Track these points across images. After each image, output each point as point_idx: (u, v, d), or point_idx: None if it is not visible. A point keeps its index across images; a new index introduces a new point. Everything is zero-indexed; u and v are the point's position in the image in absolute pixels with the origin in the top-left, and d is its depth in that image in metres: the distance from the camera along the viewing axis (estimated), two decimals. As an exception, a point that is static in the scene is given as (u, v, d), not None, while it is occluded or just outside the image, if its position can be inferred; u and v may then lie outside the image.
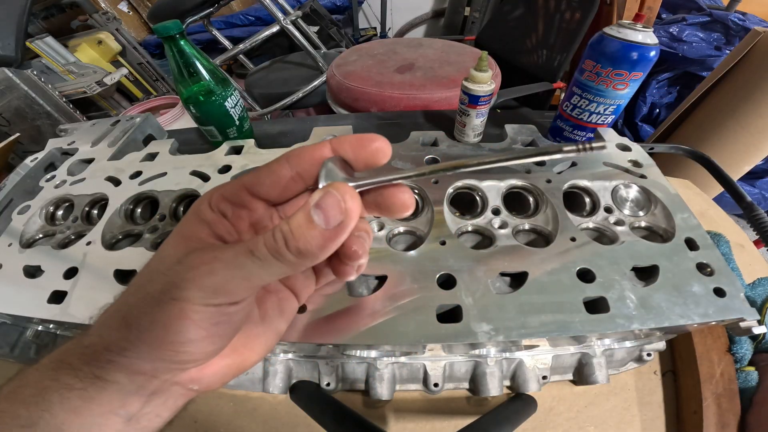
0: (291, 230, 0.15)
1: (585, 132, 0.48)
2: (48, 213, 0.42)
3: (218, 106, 0.50)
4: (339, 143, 0.18)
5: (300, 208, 0.15)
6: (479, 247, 0.34)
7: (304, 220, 0.15)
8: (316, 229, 0.15)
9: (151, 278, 0.16)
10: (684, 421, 0.36)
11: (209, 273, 0.15)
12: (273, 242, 0.15)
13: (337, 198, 0.15)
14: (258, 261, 0.15)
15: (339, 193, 0.15)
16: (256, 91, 1.24)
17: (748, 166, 0.89)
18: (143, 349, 0.15)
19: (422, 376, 0.37)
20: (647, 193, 0.38)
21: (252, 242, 0.16)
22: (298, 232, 0.15)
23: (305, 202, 0.16)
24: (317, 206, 0.15)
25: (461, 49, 0.90)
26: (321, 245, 0.15)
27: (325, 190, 0.15)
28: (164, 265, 0.17)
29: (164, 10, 1.08)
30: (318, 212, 0.15)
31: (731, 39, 1.14)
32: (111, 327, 0.16)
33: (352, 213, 0.15)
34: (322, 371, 0.37)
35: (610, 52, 0.40)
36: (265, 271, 0.16)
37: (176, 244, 0.18)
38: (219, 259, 0.15)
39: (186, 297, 0.15)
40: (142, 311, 0.15)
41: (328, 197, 0.15)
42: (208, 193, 0.19)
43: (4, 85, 1.01)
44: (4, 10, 0.98)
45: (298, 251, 0.15)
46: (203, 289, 0.15)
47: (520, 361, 0.37)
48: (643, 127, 1.29)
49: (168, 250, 0.18)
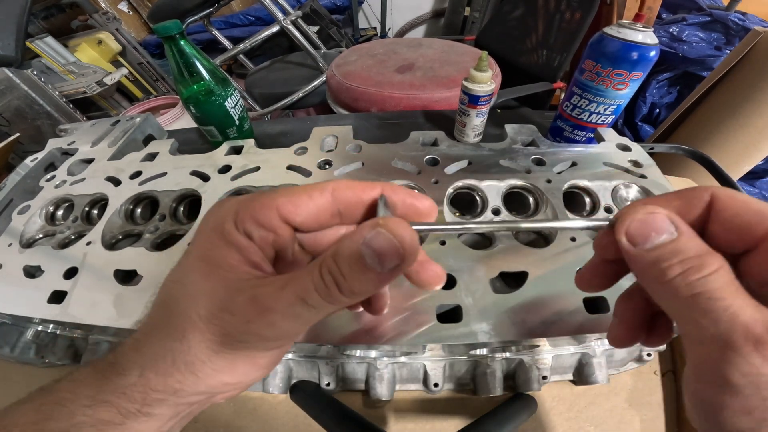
0: (342, 273, 0.14)
1: (585, 132, 0.48)
2: (48, 213, 0.42)
3: (218, 106, 0.50)
4: (392, 191, 0.17)
5: (343, 245, 0.14)
6: (479, 247, 0.34)
7: (356, 263, 0.14)
8: (371, 272, 0.14)
9: (187, 319, 0.16)
10: (684, 421, 0.36)
11: (269, 326, 0.15)
12: (325, 289, 0.14)
13: (396, 244, 0.14)
14: (312, 309, 0.15)
15: (396, 235, 0.14)
16: (256, 91, 1.24)
17: (748, 166, 0.89)
18: (201, 388, 0.16)
19: (422, 376, 0.37)
20: (647, 193, 0.38)
21: (302, 289, 0.15)
22: (351, 275, 0.14)
23: (348, 237, 0.14)
24: (372, 249, 0.14)
25: (461, 49, 0.90)
26: (376, 286, 0.15)
27: (381, 234, 0.14)
28: (199, 303, 0.16)
29: (164, 10, 1.08)
30: (372, 255, 0.14)
31: (731, 39, 1.14)
32: (158, 370, 0.16)
33: (411, 256, 0.14)
34: (322, 371, 0.37)
35: (610, 52, 0.40)
36: (318, 314, 0.15)
37: (206, 273, 0.16)
38: (274, 310, 0.15)
39: (250, 347, 0.16)
40: (199, 358, 0.16)
41: (385, 241, 0.14)
42: (229, 210, 0.17)
43: (4, 85, 1.01)
44: (4, 10, 0.98)
45: (352, 293, 0.15)
46: (266, 340, 0.16)
47: (520, 361, 0.37)
48: (643, 127, 1.29)
49: (195, 279, 0.16)
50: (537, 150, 0.43)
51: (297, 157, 0.44)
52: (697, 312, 0.12)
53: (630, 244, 0.14)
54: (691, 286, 0.12)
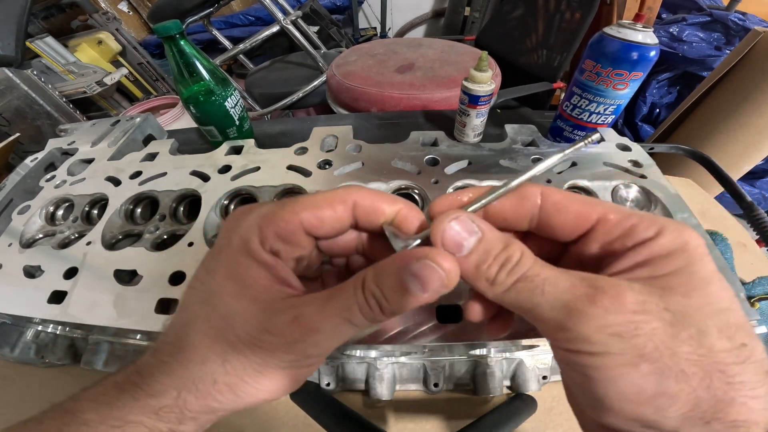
0: (386, 296, 0.14)
1: (585, 132, 0.48)
2: (48, 213, 0.42)
3: (218, 106, 0.50)
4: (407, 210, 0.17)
5: (387, 267, 0.15)
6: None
7: (399, 287, 0.14)
8: (413, 298, 0.14)
9: (225, 341, 0.16)
10: (684, 421, 0.36)
11: (314, 345, 0.16)
12: (369, 311, 0.15)
13: (442, 276, 0.14)
14: (355, 327, 0.15)
15: (441, 266, 0.14)
16: (256, 91, 1.24)
17: (748, 166, 0.89)
18: (240, 406, 0.17)
19: (422, 376, 0.37)
20: (647, 193, 0.38)
21: (345, 310, 0.15)
22: (394, 299, 0.14)
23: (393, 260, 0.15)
24: (417, 278, 0.14)
25: (461, 49, 0.90)
26: (417, 305, 0.15)
27: (427, 265, 0.14)
28: (236, 325, 0.16)
29: (164, 10, 1.08)
30: (417, 284, 0.14)
31: (731, 39, 1.14)
32: (198, 393, 0.16)
33: (452, 285, 0.14)
34: (322, 371, 0.37)
35: (610, 52, 0.40)
36: (358, 330, 0.16)
37: (236, 294, 0.16)
38: (319, 330, 0.15)
39: (294, 365, 0.16)
40: (242, 379, 0.16)
41: (431, 272, 0.14)
42: (252, 227, 0.16)
43: (4, 85, 1.01)
44: (4, 10, 0.98)
45: (392, 313, 0.15)
46: (308, 357, 0.16)
47: (520, 361, 0.37)
48: (643, 127, 1.29)
49: (226, 301, 0.16)
50: (537, 150, 0.43)
51: (297, 157, 0.44)
52: (525, 294, 0.14)
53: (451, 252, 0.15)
54: (512, 274, 0.14)
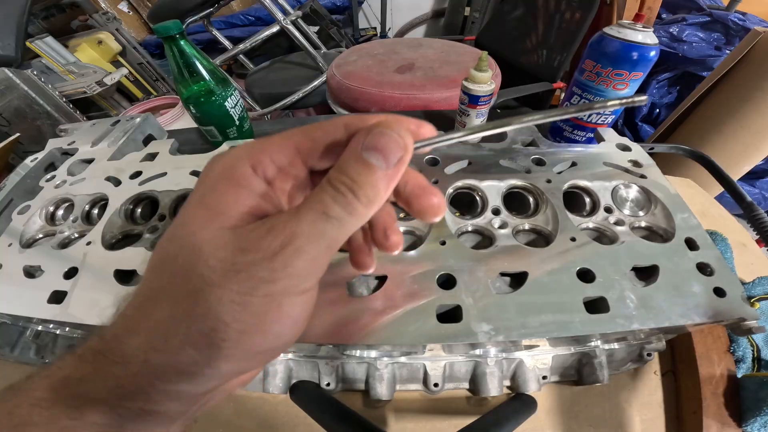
0: (353, 180, 0.14)
1: (585, 132, 0.48)
2: (48, 213, 0.42)
3: (218, 106, 0.50)
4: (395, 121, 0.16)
5: (345, 156, 0.14)
6: (479, 247, 0.34)
7: (362, 167, 0.14)
8: (378, 171, 0.14)
9: (196, 276, 0.13)
10: (684, 421, 0.36)
11: (296, 253, 0.13)
12: (343, 197, 0.14)
13: (394, 136, 0.14)
14: (336, 222, 0.14)
15: (394, 130, 0.14)
16: (256, 91, 1.24)
17: (748, 166, 0.89)
18: (222, 366, 0.13)
19: (422, 376, 0.37)
20: (647, 193, 0.38)
21: (320, 203, 0.14)
22: (361, 179, 0.14)
23: (348, 147, 0.15)
24: (373, 149, 0.14)
25: (461, 49, 0.90)
26: (386, 187, 0.14)
27: (377, 131, 0.14)
28: (207, 253, 0.13)
29: (164, 10, 1.08)
30: (375, 155, 0.14)
31: (731, 39, 1.14)
32: (167, 350, 0.13)
33: (410, 146, 0.15)
34: (322, 371, 0.37)
35: (610, 52, 0.40)
36: (341, 232, 0.14)
37: (209, 219, 0.14)
38: (298, 233, 0.13)
39: (282, 290, 0.13)
40: (221, 320, 0.13)
41: (383, 137, 0.14)
42: (240, 154, 0.15)
43: (4, 85, 1.01)
44: (4, 10, 0.98)
45: (368, 200, 0.14)
46: (297, 275, 0.14)
47: (520, 361, 0.37)
48: (643, 127, 1.29)
49: (196, 230, 0.14)
50: (537, 150, 0.43)
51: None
52: None
53: None
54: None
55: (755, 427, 0.32)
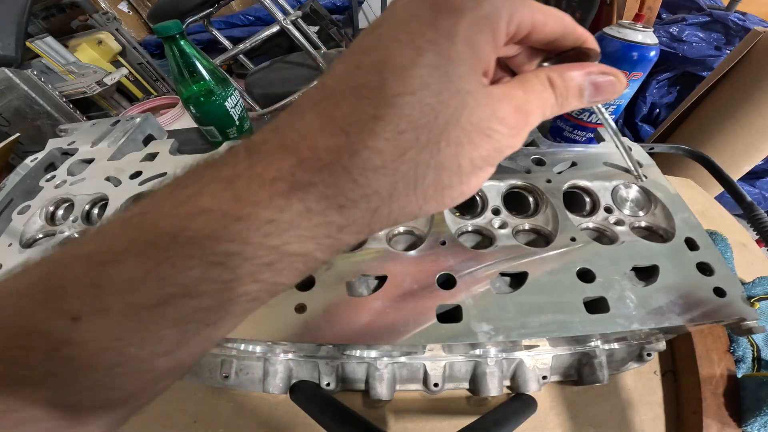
0: (568, 95, 0.16)
1: (585, 132, 0.48)
2: (48, 213, 0.42)
3: (218, 106, 0.50)
4: None
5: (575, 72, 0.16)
6: (479, 247, 0.34)
7: (577, 90, 0.16)
8: (585, 100, 0.16)
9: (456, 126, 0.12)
10: (684, 421, 0.36)
11: (522, 136, 0.15)
12: (558, 106, 0.16)
13: (619, 89, 0.16)
14: (541, 119, 0.16)
15: (616, 76, 0.16)
16: (256, 91, 1.24)
17: (748, 166, 0.89)
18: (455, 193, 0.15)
19: (422, 376, 0.37)
20: (647, 193, 0.38)
21: (544, 101, 0.15)
22: (570, 98, 0.16)
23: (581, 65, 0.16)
24: (595, 87, 0.16)
25: (461, 49, 0.90)
26: (578, 107, 0.17)
27: (606, 74, 0.16)
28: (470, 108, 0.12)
29: (164, 10, 1.08)
30: (593, 91, 0.16)
31: (731, 39, 1.14)
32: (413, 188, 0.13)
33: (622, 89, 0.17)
34: (322, 371, 0.37)
35: (610, 52, 0.40)
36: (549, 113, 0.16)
37: (471, 69, 0.12)
38: (530, 122, 0.15)
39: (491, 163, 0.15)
40: (469, 185, 0.14)
41: (608, 84, 0.16)
42: (504, 6, 0.13)
43: (4, 85, 1.01)
44: (4, 10, 0.98)
45: (565, 110, 0.16)
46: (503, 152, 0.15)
47: (520, 361, 0.37)
48: (643, 127, 1.29)
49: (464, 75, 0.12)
50: (537, 150, 0.43)
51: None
52: None
53: None
54: None
55: (755, 427, 0.32)
